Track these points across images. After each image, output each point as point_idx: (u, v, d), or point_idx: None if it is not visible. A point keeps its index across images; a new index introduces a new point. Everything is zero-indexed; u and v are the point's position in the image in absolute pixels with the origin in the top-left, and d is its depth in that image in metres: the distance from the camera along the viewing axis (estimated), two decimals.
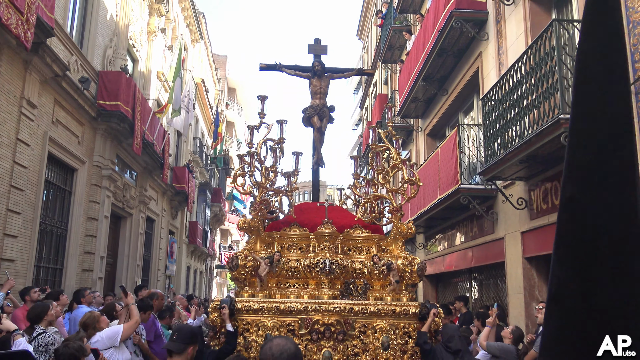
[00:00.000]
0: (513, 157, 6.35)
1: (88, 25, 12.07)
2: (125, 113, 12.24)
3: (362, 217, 5.61)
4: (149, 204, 16.59)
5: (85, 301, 7.69)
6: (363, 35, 27.20)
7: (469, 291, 11.12)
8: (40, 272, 9.97)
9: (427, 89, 11.65)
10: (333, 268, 5.04)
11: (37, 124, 9.36)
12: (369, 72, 13.73)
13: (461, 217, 10.19)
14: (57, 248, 10.66)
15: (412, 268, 5.17)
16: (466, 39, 9.48)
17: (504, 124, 6.75)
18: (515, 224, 7.73)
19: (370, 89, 24.27)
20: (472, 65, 9.66)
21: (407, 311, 4.96)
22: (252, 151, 5.41)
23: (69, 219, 11.05)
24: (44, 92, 9.58)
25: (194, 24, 24.07)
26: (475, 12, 8.93)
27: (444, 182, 9.32)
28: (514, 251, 7.81)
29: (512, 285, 7.89)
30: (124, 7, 14.08)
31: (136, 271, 15.20)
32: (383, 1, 18.41)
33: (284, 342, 2.22)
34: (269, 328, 4.83)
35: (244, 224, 5.34)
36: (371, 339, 4.91)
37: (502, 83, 6.87)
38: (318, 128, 6.48)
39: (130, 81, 12.85)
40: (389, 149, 5.55)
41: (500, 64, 8.28)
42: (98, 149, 12.22)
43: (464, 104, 11.02)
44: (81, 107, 11.13)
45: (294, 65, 6.71)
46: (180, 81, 15.13)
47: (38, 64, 8.99)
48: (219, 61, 39.42)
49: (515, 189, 7.67)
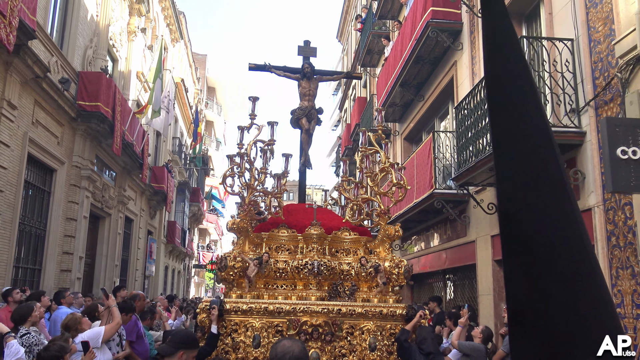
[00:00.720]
0: (483, 164, 6.65)
1: (68, 25, 12.07)
2: (105, 114, 12.27)
3: (350, 219, 5.64)
4: (128, 204, 16.59)
5: (65, 302, 7.78)
6: (343, 38, 27.47)
7: (443, 292, 11.46)
8: (19, 273, 9.98)
9: (404, 94, 11.95)
10: (321, 269, 5.07)
11: (17, 125, 9.38)
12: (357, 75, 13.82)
13: (436, 220, 10.51)
14: (36, 248, 10.67)
15: (400, 270, 5.23)
16: (442, 48, 9.79)
17: (475, 132, 7.06)
18: (486, 227, 8.06)
19: (349, 92, 24.55)
20: (447, 74, 9.98)
21: (394, 313, 5.00)
22: (242, 152, 5.40)
23: (47, 220, 11.06)
24: (24, 93, 9.60)
25: (174, 23, 24.03)
26: (450, 22, 9.24)
27: (419, 186, 9.62)
28: (484, 254, 8.15)
29: (483, 286, 8.23)
30: (104, 7, 14.08)
31: (114, 271, 15.19)
32: (362, 6, 18.69)
33: (289, 344, 2.22)
34: (257, 329, 4.84)
35: (233, 224, 5.35)
36: (358, 340, 4.93)
37: (474, 93, 7.17)
38: (306, 130, 6.53)
39: (110, 82, 12.88)
40: (378, 152, 5.60)
41: (474, 74, 8.61)
42: (77, 150, 12.22)
43: (440, 110, 11.35)
44: (61, 108, 11.14)
45: (283, 66, 6.75)
46: (161, 82, 15.18)
47: (19, 66, 9.01)
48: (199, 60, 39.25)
49: (487, 195, 8.00)
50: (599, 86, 5.17)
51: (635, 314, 4.59)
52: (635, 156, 3.97)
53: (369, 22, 16.11)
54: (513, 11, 7.60)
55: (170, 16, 23.13)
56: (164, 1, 21.86)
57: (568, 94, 5.58)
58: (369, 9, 16.71)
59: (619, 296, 4.85)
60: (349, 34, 25.36)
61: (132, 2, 16.62)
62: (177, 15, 24.67)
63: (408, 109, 12.89)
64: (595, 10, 5.29)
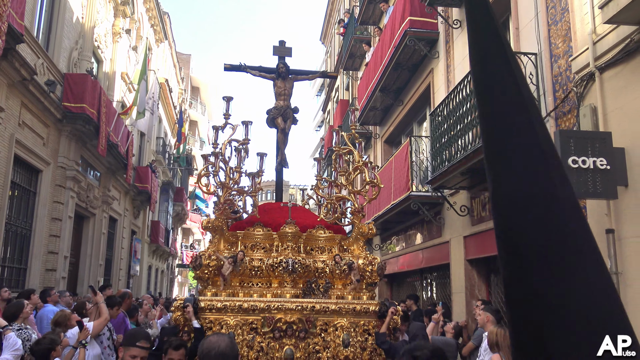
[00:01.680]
0: (455, 169, 7.04)
1: (54, 27, 12.22)
2: (90, 115, 12.44)
3: (324, 217, 5.66)
4: (112, 204, 16.73)
5: (51, 300, 7.98)
6: (326, 40, 27.81)
7: (420, 290, 11.87)
8: (5, 272, 10.13)
9: (384, 99, 12.33)
10: (296, 267, 5.10)
11: (4, 126, 9.54)
12: (332, 75, 13.83)
13: (413, 221, 10.91)
14: (22, 248, 10.82)
15: (373, 267, 5.28)
16: (419, 56, 10.18)
17: (449, 138, 7.44)
18: (459, 229, 8.46)
19: (332, 94, 24.90)
20: (425, 80, 10.38)
21: (367, 309, 5.06)
22: (216, 151, 5.41)
23: (33, 220, 11.21)
24: (11, 95, 9.76)
25: (159, 24, 24.14)
26: (427, 31, 9.63)
27: (397, 188, 10.00)
28: (457, 254, 8.55)
29: (456, 284, 8.63)
30: (89, 10, 14.23)
31: (99, 271, 15.34)
32: (345, 10, 19.05)
33: (215, 339, 2.22)
34: (232, 326, 4.85)
35: (208, 223, 5.36)
36: (332, 337, 4.98)
37: (447, 101, 7.56)
38: (282, 129, 6.56)
39: (95, 83, 13.04)
40: (352, 152, 5.68)
41: (449, 82, 9.01)
42: (63, 150, 12.38)
43: (418, 114, 11.75)
44: (47, 109, 11.30)
45: (258, 66, 6.77)
46: (145, 83, 15.36)
47: (6, 68, 9.18)
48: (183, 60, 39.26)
49: (459, 197, 8.40)
50: (559, 98, 5.58)
51: None
52: (584, 165, 4.36)
53: (351, 26, 16.48)
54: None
55: (154, 17, 23.24)
56: (148, 2, 21.98)
57: None
58: (351, 13, 17.08)
59: None
60: (332, 36, 25.71)
61: (117, 3, 16.76)
62: (162, 15, 24.78)
63: (388, 112, 13.27)
64: (556, 27, 5.69)
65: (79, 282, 14.33)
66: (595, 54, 4.81)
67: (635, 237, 4.34)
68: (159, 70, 24.41)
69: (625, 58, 4.46)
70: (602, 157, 4.35)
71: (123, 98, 17.81)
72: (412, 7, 9.54)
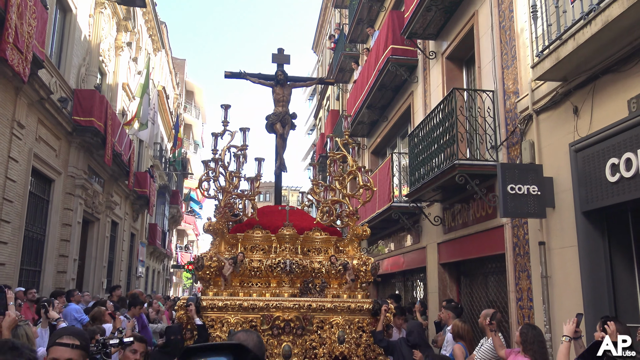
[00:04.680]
0: (428, 186, 8.11)
1: (65, 47, 13.19)
2: (98, 128, 13.42)
3: (320, 220, 5.90)
4: (114, 209, 17.70)
5: (74, 300, 8.98)
6: (318, 50, 28.86)
7: (403, 290, 12.97)
8: (22, 274, 11.09)
9: (370, 114, 13.42)
10: (293, 268, 5.33)
11: (24, 142, 10.51)
12: (329, 81, 14.04)
13: (396, 228, 12.00)
14: (37, 252, 11.79)
15: (367, 267, 5.54)
16: (401, 79, 11.27)
17: (423, 158, 8.51)
18: (434, 236, 9.55)
19: (324, 102, 25.96)
20: (406, 101, 11.48)
21: (362, 307, 5.31)
22: (216, 157, 5.61)
23: (46, 226, 12.18)
24: (30, 113, 10.73)
25: (156, 34, 25.08)
26: (407, 58, 10.71)
27: (381, 198, 11.09)
28: (432, 258, 9.64)
29: (431, 285, 9.73)
30: (95, 27, 15.19)
31: (102, 272, 16.31)
32: (335, 26, 20.13)
33: (244, 337, 2.20)
34: (233, 324, 5.08)
35: (209, 226, 5.57)
36: (328, 334, 5.19)
37: (422, 125, 8.63)
38: (280, 135, 6.80)
39: (102, 98, 14.02)
40: (346, 157, 5.94)
41: (426, 105, 10.09)
42: (72, 161, 13.34)
43: (401, 130, 12.84)
44: (59, 124, 12.28)
45: (258, 73, 7.01)
46: (148, 97, 16.35)
47: (27, 90, 10.15)
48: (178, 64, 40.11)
49: (434, 209, 9.49)
50: (510, 130, 6.68)
51: (528, 306, 6.11)
52: (520, 191, 5.45)
53: (341, 43, 17.55)
54: (456, 56, 9.12)
55: (152, 27, 24.18)
56: (147, 13, 22.90)
57: (489, 135, 7.08)
58: (341, 30, 18.15)
59: (520, 292, 6.37)
60: (323, 46, 26.75)
61: (120, 19, 17.71)
62: (159, 25, 25.71)
63: (374, 126, 14.36)
64: (508, 70, 6.79)
65: (85, 283, 15.27)
66: (533, 99, 5.92)
67: (560, 248, 5.44)
68: (156, 77, 25.34)
69: (553, 105, 5.55)
70: (535, 185, 5.44)
71: (124, 107, 18.78)
72: (394, 36, 10.62)
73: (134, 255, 21.81)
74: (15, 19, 8.32)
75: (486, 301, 7.91)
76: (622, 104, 4.46)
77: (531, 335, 3.97)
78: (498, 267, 7.42)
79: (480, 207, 7.45)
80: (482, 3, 7.62)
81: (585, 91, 4.96)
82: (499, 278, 7.45)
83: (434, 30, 9.43)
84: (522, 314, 6.24)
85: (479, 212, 7.54)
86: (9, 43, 8.18)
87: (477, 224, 7.66)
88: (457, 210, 8.53)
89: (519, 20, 6.44)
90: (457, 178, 6.83)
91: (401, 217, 10.25)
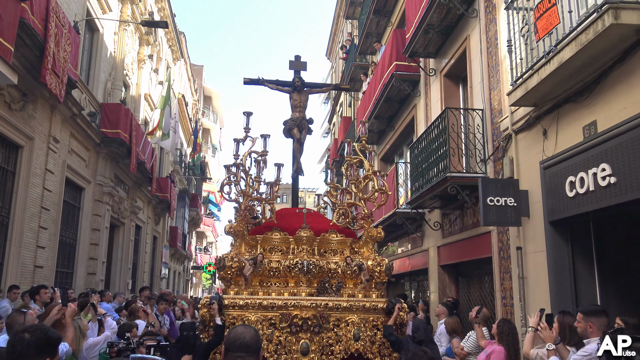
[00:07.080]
0: (426, 194, 8.88)
1: (93, 64, 14.22)
2: (124, 139, 14.42)
3: (336, 222, 6.01)
4: (138, 214, 18.74)
5: (105, 299, 9.93)
6: (332, 57, 29.68)
7: (409, 290, 13.73)
8: (57, 276, 12.11)
9: (378, 124, 14.21)
10: (310, 268, 5.44)
11: (59, 154, 11.52)
12: (345, 87, 14.39)
13: (400, 232, 12.76)
14: (69, 255, 12.81)
15: (381, 268, 5.65)
16: (405, 93, 12.04)
17: (422, 169, 9.27)
18: (434, 240, 10.30)
19: (337, 108, 26.77)
20: (410, 113, 12.24)
21: (376, 306, 5.41)
22: (237, 162, 5.76)
23: (77, 231, 13.20)
24: (63, 128, 11.73)
25: (176, 44, 26.15)
26: (410, 74, 11.48)
27: (387, 204, 11.84)
28: (433, 260, 10.39)
29: (432, 286, 10.48)
30: (120, 44, 16.22)
31: (128, 274, 17.35)
32: (347, 37, 20.93)
33: (242, 330, 2.32)
34: (253, 322, 5.20)
35: (230, 228, 5.71)
36: (344, 332, 5.30)
37: (422, 138, 9.40)
38: (298, 139, 6.93)
39: (127, 111, 15.03)
40: (362, 161, 6.09)
41: (427, 118, 10.85)
42: (100, 170, 14.36)
43: (406, 139, 13.60)
44: (89, 136, 13.29)
45: (275, 80, 7.10)
46: (169, 108, 17.33)
47: (61, 108, 11.15)
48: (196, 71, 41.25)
49: (434, 215, 10.24)
50: (495, 147, 7.43)
51: (510, 303, 6.85)
52: (498, 203, 6.20)
53: (351, 54, 18.36)
54: (453, 74, 9.87)
55: (172, 38, 25.24)
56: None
57: (478, 150, 7.83)
58: (352, 42, 18.95)
59: (504, 291, 7.11)
60: (336, 53, 27.55)
61: (142, 33, 18.75)
62: (178, 35, 26.79)
63: (383, 135, 15.14)
64: (494, 92, 7.53)
65: (112, 283, 16.30)
66: (512, 120, 6.66)
67: (534, 253, 6.18)
68: (175, 86, 26.42)
69: (527, 127, 6.29)
70: (512, 197, 6.20)
71: (146, 116, 19.83)
72: (398, 53, 11.39)
73: (156, 257, 22.88)
74: (52, 47, 9.29)
75: (481, 300, 8.65)
76: (578, 130, 5.19)
77: (506, 329, 4.85)
78: (490, 269, 8.16)
79: (472, 214, 8.20)
80: (473, 29, 8.37)
81: (552, 117, 5.69)
82: (491, 279, 8.19)
83: (433, 50, 10.19)
84: (506, 311, 6.99)
85: (471, 219, 8.28)
86: (48, 69, 9.14)
87: (470, 230, 8.41)
88: (454, 217, 9.27)
89: (502, 47, 7.19)
90: (449, 189, 7.59)
91: (405, 223, 11.01)
